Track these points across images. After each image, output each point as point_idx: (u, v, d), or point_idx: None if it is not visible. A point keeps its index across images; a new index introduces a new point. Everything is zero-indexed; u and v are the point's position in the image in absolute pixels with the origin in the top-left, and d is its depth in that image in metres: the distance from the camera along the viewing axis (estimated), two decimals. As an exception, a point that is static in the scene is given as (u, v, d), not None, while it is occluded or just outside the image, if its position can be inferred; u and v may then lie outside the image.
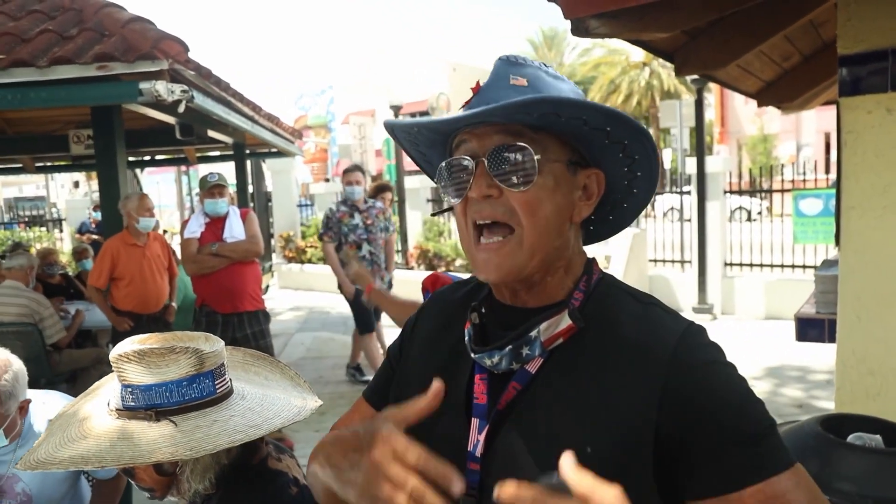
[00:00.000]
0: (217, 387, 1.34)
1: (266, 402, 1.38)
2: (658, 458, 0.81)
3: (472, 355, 0.93)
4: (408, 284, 6.99)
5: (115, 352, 1.31)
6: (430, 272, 5.53)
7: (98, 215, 10.85)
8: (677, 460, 0.81)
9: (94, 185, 17.13)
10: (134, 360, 1.29)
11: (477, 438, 0.89)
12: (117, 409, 1.31)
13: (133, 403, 1.29)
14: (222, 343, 1.39)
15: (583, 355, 0.88)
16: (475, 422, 0.91)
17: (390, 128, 0.98)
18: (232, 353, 1.52)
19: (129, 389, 1.30)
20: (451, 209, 1.06)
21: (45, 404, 2.28)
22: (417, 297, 2.39)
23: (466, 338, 0.96)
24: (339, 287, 6.01)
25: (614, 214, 1.02)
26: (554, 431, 0.85)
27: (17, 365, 2.12)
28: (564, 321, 0.89)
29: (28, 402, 2.17)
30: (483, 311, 0.98)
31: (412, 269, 10.57)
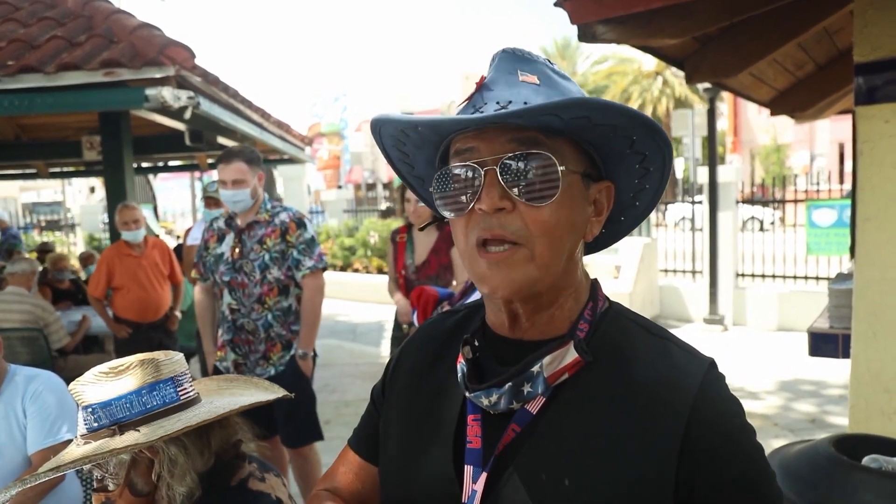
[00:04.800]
0: (180, 394, 1.30)
1: (234, 402, 1.35)
2: None
3: (467, 394, 0.84)
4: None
5: (74, 382, 1.29)
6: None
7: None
8: None
9: (108, 190, 17.16)
10: (90, 381, 1.26)
11: (472, 488, 0.80)
12: (82, 436, 1.27)
13: (96, 424, 1.25)
14: (181, 355, 1.36)
15: (591, 394, 0.80)
16: (469, 469, 0.81)
17: (380, 123, 0.86)
18: (207, 383, 1.49)
19: (90, 410, 1.26)
20: (438, 221, 0.94)
21: (36, 378, 2.42)
22: None
23: (459, 374, 0.87)
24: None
25: (608, 228, 0.92)
26: (560, 480, 0.76)
27: None
28: (570, 354, 0.80)
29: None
30: (476, 343, 0.88)
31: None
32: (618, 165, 0.84)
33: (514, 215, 0.77)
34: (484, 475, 0.79)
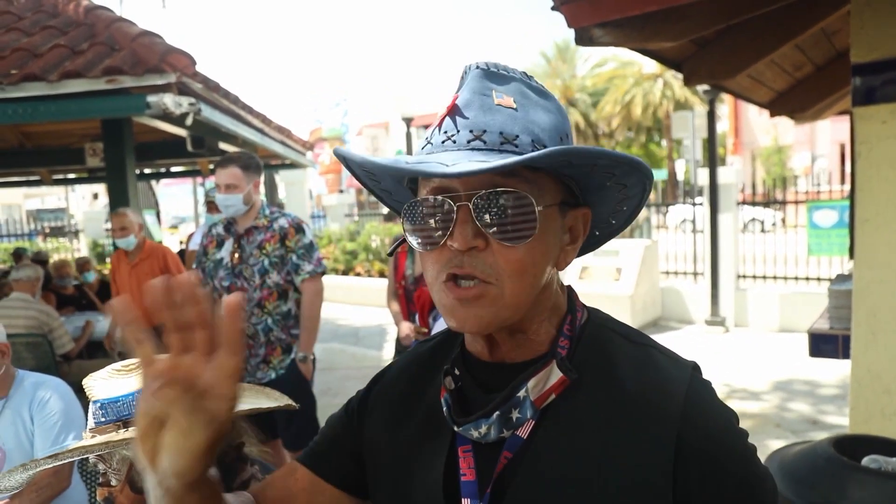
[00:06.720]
0: None
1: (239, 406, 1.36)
2: None
3: (456, 428, 0.82)
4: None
5: (88, 376, 1.32)
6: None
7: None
8: None
9: (110, 196, 17.22)
10: (103, 377, 1.29)
11: None
12: (90, 430, 1.30)
13: (104, 419, 1.28)
14: None
15: (579, 412, 0.78)
16: (466, 502, 0.80)
17: (343, 157, 0.80)
18: None
19: (99, 405, 1.29)
20: (402, 243, 0.89)
21: (44, 385, 2.44)
22: None
23: (444, 408, 0.84)
24: None
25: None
26: (559, 501, 0.76)
27: None
28: (554, 375, 0.79)
29: (7, 346, 2.38)
30: (457, 372, 0.86)
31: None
32: (597, 193, 0.83)
33: (486, 253, 0.74)
34: None
